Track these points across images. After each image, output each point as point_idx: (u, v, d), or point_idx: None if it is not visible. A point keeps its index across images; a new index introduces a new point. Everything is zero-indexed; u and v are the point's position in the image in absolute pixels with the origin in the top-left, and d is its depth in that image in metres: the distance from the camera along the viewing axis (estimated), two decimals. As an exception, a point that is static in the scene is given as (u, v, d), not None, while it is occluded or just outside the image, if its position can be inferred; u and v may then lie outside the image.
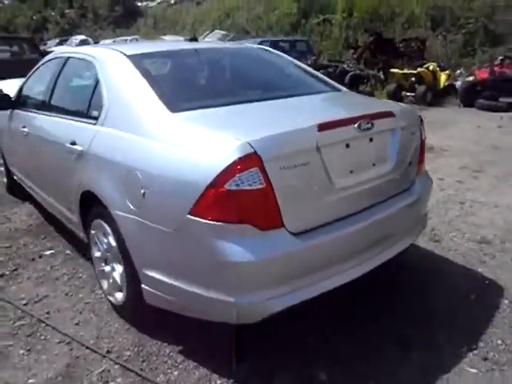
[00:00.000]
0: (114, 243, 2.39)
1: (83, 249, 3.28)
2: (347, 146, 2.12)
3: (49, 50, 13.31)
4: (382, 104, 3.07)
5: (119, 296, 2.50)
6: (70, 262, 3.25)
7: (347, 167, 2.14)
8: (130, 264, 2.27)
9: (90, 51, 2.92)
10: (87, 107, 2.66)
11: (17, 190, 4.43)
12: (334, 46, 17.48)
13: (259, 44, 11.71)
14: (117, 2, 26.93)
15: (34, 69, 3.71)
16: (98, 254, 2.66)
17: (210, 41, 15.17)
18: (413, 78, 10.68)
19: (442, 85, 10.69)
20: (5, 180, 4.59)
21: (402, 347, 2.27)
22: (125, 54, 2.60)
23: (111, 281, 2.54)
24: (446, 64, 12.49)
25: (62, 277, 3.06)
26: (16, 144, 3.73)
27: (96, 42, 22.08)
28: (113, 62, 2.63)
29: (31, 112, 3.41)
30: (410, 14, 16.57)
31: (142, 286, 2.22)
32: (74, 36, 24.60)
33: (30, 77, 3.74)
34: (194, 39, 3.76)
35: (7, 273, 3.14)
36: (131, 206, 2.14)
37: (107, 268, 2.59)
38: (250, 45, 4.64)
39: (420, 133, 2.58)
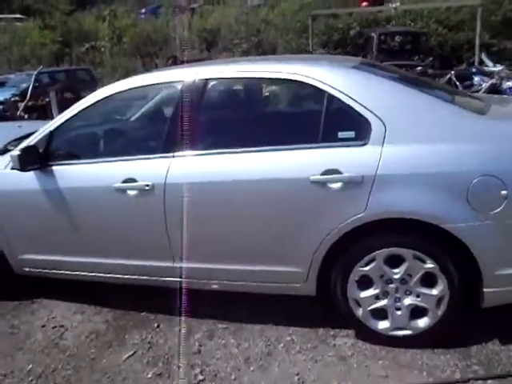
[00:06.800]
0: (430, 265, 2.13)
1: (238, 315, 2.66)
2: None
3: None
4: None
5: (421, 323, 2.24)
6: (246, 333, 2.55)
7: None
8: (464, 276, 2.12)
9: (280, 69, 2.34)
10: (326, 130, 2.20)
11: (16, 289, 3.03)
12: (112, 74, 16.92)
13: (37, 76, 10.48)
14: None
15: (85, 106, 2.59)
16: (365, 293, 2.27)
17: None
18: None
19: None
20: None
21: None
22: (346, 67, 2.30)
23: (400, 312, 2.24)
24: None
25: (290, 350, 2.38)
26: (78, 214, 2.55)
27: None
28: (348, 76, 2.26)
29: (149, 158, 2.42)
30: (181, 37, 17.51)
31: (486, 290, 2.11)
32: None
33: (77, 117, 2.60)
34: None
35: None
36: (484, 212, 2.02)
37: (385, 302, 2.26)
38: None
39: None
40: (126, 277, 2.64)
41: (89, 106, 2.62)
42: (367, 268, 2.23)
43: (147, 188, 2.39)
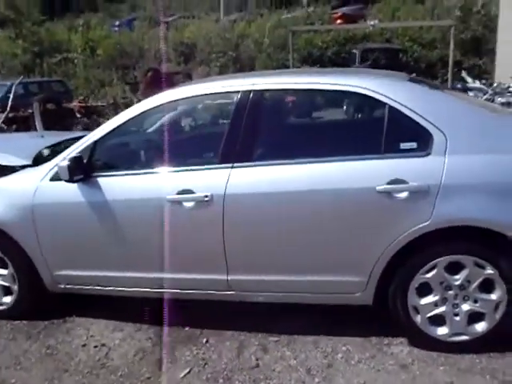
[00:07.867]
0: (490, 271, 2.20)
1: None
2: None
3: None
4: None
5: (479, 327, 2.30)
6: (299, 344, 2.53)
7: None
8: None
9: (340, 81, 2.38)
10: (388, 142, 2.25)
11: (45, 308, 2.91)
12: (86, 85, 16.61)
13: (10, 88, 10.21)
14: None
15: (132, 116, 2.53)
16: (424, 300, 2.31)
17: None
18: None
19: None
20: (5, 300, 2.87)
21: None
22: (403, 80, 2.37)
23: (459, 318, 2.30)
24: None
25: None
26: (127, 227, 2.47)
27: None
28: (407, 89, 2.33)
29: (206, 169, 2.38)
30: (157, 50, 17.40)
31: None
32: None
33: (123, 127, 2.53)
34: None
35: None
36: None
37: (444, 308, 2.31)
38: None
39: None
40: (177, 291, 2.57)
41: (136, 115, 2.57)
42: (428, 275, 2.28)
43: (206, 199, 2.35)
